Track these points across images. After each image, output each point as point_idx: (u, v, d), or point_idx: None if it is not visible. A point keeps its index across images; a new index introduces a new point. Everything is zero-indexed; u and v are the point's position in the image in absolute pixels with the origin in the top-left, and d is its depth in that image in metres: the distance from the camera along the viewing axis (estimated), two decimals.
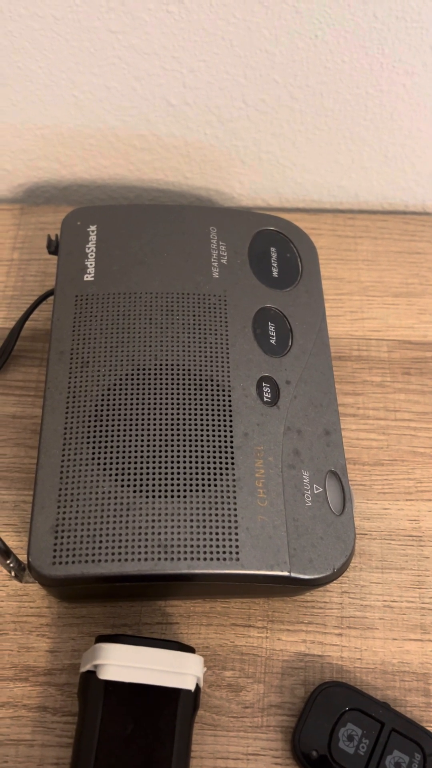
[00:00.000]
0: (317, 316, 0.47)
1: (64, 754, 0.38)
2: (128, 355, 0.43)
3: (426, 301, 0.54)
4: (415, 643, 0.42)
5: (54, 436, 0.40)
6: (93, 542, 0.37)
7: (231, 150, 0.57)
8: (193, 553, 0.37)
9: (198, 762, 0.38)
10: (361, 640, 0.42)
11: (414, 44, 0.49)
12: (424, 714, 0.40)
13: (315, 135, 0.56)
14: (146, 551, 0.37)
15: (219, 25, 0.48)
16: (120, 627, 0.42)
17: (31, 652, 0.41)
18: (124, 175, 0.59)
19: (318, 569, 0.38)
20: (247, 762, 0.38)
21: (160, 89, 0.53)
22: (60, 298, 0.45)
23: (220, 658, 0.41)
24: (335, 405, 0.43)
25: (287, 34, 0.49)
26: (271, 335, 0.45)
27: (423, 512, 0.46)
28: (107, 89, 0.53)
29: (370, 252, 0.57)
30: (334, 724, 0.38)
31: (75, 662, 0.40)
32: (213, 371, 0.43)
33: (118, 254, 0.47)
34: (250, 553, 0.38)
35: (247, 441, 0.41)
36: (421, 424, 0.49)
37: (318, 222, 0.58)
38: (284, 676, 0.40)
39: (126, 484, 0.39)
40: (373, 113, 0.54)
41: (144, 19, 0.48)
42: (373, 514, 0.45)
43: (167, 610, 0.42)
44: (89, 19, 0.48)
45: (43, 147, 0.57)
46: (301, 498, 0.40)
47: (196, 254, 0.47)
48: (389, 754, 0.37)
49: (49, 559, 0.37)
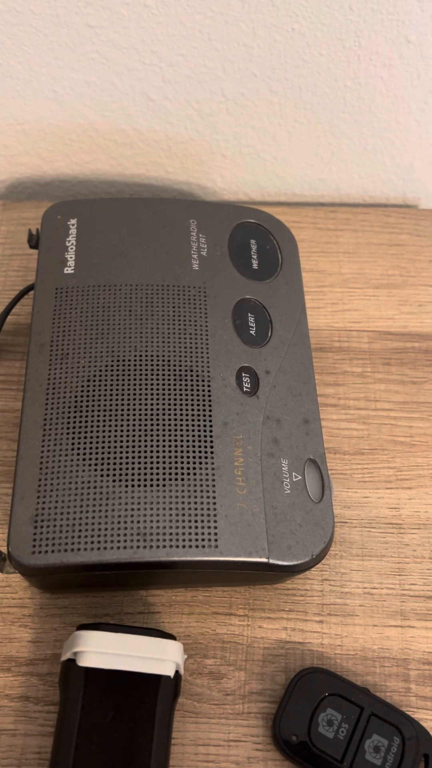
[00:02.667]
0: (297, 307, 0.47)
1: (46, 743, 0.38)
2: (108, 347, 0.43)
3: (406, 293, 0.55)
4: (395, 629, 0.42)
5: (34, 427, 0.40)
6: (72, 531, 0.37)
7: (212, 144, 0.57)
8: (172, 540, 0.37)
9: (179, 749, 0.38)
10: (341, 627, 0.42)
11: (390, 36, 0.50)
12: (404, 699, 0.40)
13: (295, 128, 0.56)
14: (125, 539, 0.37)
15: (196, 19, 0.49)
16: (102, 617, 0.42)
17: (14, 642, 0.41)
18: (105, 171, 0.60)
19: (296, 556, 0.38)
20: (228, 748, 0.39)
21: (140, 84, 0.53)
22: (40, 291, 0.45)
23: (202, 646, 0.41)
24: (314, 394, 0.44)
25: (264, 27, 0.49)
26: (251, 326, 0.45)
27: (403, 500, 0.46)
28: (87, 84, 0.53)
29: (351, 244, 0.57)
30: (314, 709, 0.38)
31: (57, 652, 0.41)
32: (193, 362, 0.43)
33: (98, 247, 0.47)
34: (229, 541, 0.38)
35: (226, 430, 0.41)
36: (401, 414, 0.49)
37: (300, 215, 0.59)
38: (265, 664, 0.41)
39: (105, 474, 0.39)
40: (351, 106, 0.54)
41: (122, 13, 0.49)
42: (354, 503, 0.46)
43: (149, 600, 0.42)
44: (67, 14, 0.49)
45: (25, 143, 0.57)
46: (279, 486, 0.40)
47: (176, 247, 0.48)
48: (368, 738, 0.37)
49: (28, 549, 0.37)
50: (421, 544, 0.45)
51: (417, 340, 0.52)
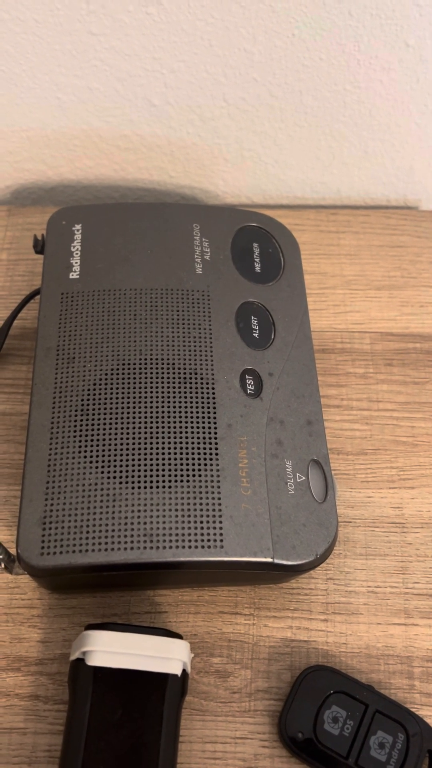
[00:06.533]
0: (299, 309, 0.48)
1: (55, 741, 0.39)
2: (113, 351, 0.44)
3: (407, 294, 0.55)
4: (398, 627, 0.42)
5: (41, 430, 0.41)
6: (80, 533, 0.38)
7: (214, 148, 0.58)
8: (178, 541, 0.38)
9: (187, 746, 0.39)
10: (346, 626, 0.42)
11: (389, 41, 0.50)
12: (408, 696, 0.41)
13: (295, 132, 0.57)
14: (132, 540, 0.38)
15: (197, 26, 0.49)
16: (110, 617, 0.42)
17: (23, 642, 0.41)
18: (109, 176, 0.60)
19: (301, 555, 0.39)
20: (235, 745, 0.39)
21: (142, 90, 0.53)
22: (46, 296, 0.46)
23: (208, 645, 0.42)
24: (317, 396, 0.44)
25: (264, 33, 0.50)
26: (254, 329, 0.46)
27: (405, 500, 0.46)
28: (90, 91, 0.54)
29: (353, 246, 0.58)
30: (319, 706, 0.39)
31: (66, 652, 0.41)
32: (197, 365, 0.44)
33: (103, 252, 0.48)
34: (234, 541, 0.38)
35: (230, 432, 0.42)
36: (403, 414, 0.50)
37: (301, 218, 0.59)
38: (271, 662, 0.41)
39: (112, 476, 0.40)
40: (351, 110, 0.55)
41: (124, 21, 0.49)
42: (357, 503, 0.46)
43: (156, 600, 0.43)
44: (70, 22, 0.49)
45: (29, 149, 0.58)
46: (284, 486, 0.40)
47: (179, 251, 0.48)
48: (373, 735, 0.38)
49: (37, 550, 0.38)
50: (425, 542, 0.45)
51: (419, 340, 0.53)
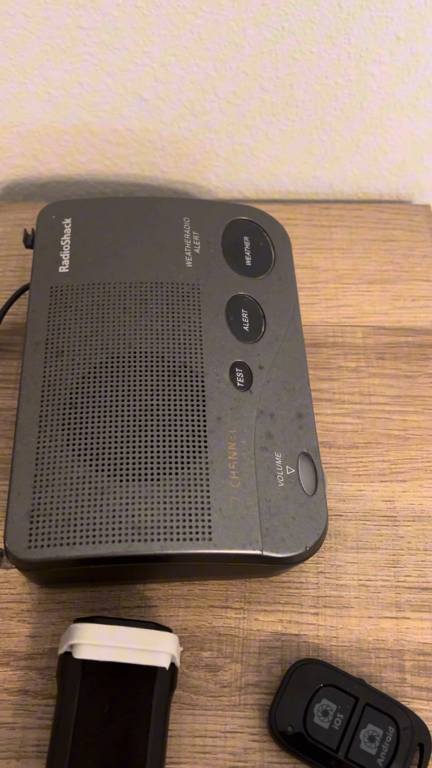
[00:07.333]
0: (290, 302, 0.48)
1: (44, 735, 0.39)
2: (103, 344, 0.43)
3: (400, 288, 0.55)
4: (389, 620, 0.42)
5: (29, 424, 0.41)
6: (68, 526, 0.38)
7: (205, 143, 0.58)
8: (166, 534, 0.38)
9: (177, 740, 0.39)
10: (336, 619, 0.42)
11: (379, 33, 0.50)
12: (399, 689, 0.40)
13: (287, 126, 0.56)
14: (120, 533, 0.38)
15: (187, 19, 0.49)
16: (99, 611, 0.42)
17: (12, 637, 0.41)
18: (101, 171, 0.60)
19: (290, 548, 0.39)
20: (225, 739, 0.39)
21: (132, 84, 0.53)
22: (35, 290, 0.46)
23: (198, 639, 0.41)
24: (308, 389, 0.44)
25: (254, 26, 0.50)
26: (244, 322, 0.46)
27: (397, 493, 0.46)
28: (80, 85, 0.53)
29: (345, 240, 0.58)
30: (309, 700, 0.38)
31: (55, 646, 0.41)
32: (186, 358, 0.44)
33: (93, 246, 0.48)
34: (222, 533, 0.38)
35: (220, 425, 0.41)
36: (395, 408, 0.49)
37: (294, 212, 0.59)
38: (261, 656, 0.41)
39: (100, 469, 0.39)
40: (343, 103, 0.55)
41: (113, 14, 0.49)
42: (349, 496, 0.46)
43: (146, 594, 0.43)
44: (59, 16, 0.49)
45: (20, 144, 0.58)
46: (273, 479, 0.40)
47: (169, 244, 0.48)
48: (363, 728, 0.38)
49: (24, 544, 0.37)
50: (416, 536, 0.45)
51: (410, 334, 0.53)
